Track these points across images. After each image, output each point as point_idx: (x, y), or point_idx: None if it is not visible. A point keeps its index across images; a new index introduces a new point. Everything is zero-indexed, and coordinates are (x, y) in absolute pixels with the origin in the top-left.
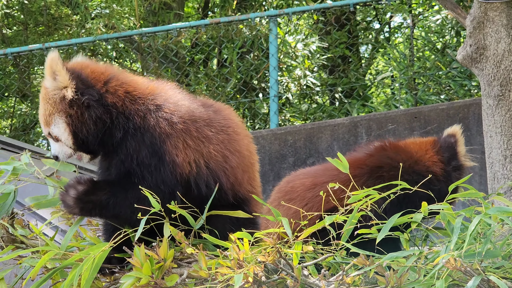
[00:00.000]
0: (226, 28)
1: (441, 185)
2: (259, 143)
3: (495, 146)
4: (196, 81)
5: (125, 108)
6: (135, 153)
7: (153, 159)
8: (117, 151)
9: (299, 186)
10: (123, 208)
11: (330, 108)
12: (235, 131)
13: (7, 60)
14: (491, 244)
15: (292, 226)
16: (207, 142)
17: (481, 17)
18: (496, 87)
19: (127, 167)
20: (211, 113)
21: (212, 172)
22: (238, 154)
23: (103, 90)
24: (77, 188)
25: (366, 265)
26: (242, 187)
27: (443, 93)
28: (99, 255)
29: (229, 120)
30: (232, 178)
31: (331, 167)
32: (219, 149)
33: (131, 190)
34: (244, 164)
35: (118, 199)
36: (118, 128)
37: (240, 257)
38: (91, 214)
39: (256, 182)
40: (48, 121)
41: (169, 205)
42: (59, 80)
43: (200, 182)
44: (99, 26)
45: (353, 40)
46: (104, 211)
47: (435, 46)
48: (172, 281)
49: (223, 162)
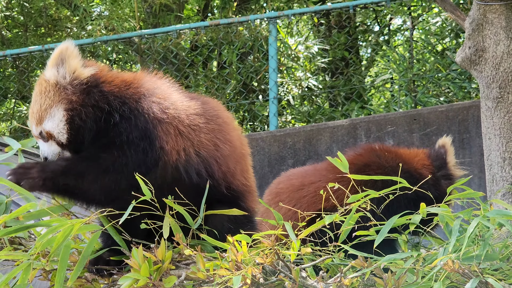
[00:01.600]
0: (226, 30)
1: (430, 188)
2: (258, 145)
3: (494, 148)
4: (196, 83)
5: (121, 94)
6: (126, 133)
7: (142, 141)
8: (108, 134)
9: (288, 187)
10: (92, 173)
11: (330, 110)
12: (225, 122)
13: (6, 62)
14: (490, 247)
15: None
16: (198, 130)
17: (480, 19)
18: (495, 89)
19: (112, 142)
20: (200, 103)
21: (203, 160)
22: (229, 143)
23: (102, 79)
24: (39, 162)
25: (364, 267)
26: (235, 178)
27: (442, 95)
28: (77, 225)
29: (218, 111)
30: (224, 168)
31: (320, 167)
32: (210, 138)
33: (108, 160)
34: (236, 154)
35: (86, 164)
36: (114, 114)
37: (238, 259)
38: (54, 183)
39: (249, 174)
40: (42, 117)
41: (165, 200)
42: (70, 64)
43: (190, 170)
44: (99, 27)
45: (353, 42)
46: (68, 178)
47: (435, 48)
48: (170, 283)
49: (214, 150)
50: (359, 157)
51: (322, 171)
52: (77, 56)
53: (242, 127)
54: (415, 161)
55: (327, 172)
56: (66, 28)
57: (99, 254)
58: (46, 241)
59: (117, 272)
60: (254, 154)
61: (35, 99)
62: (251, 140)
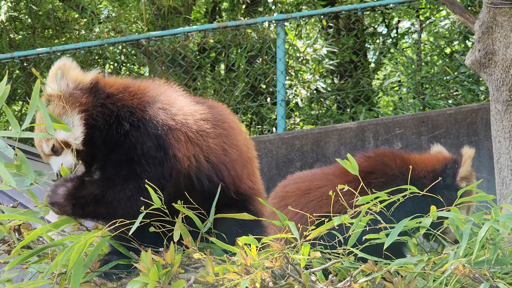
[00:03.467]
0: (234, 32)
1: (425, 197)
2: (266, 147)
3: (503, 152)
4: (204, 85)
5: (127, 102)
6: (139, 144)
7: (158, 152)
8: (120, 144)
9: (294, 191)
10: (121, 200)
11: (338, 113)
12: (231, 126)
13: (14, 64)
14: (500, 251)
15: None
16: (206, 136)
17: (490, 22)
18: (505, 92)
19: (130, 157)
20: (206, 108)
21: (213, 166)
22: (236, 148)
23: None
24: (66, 185)
25: (374, 271)
26: (243, 182)
27: (450, 98)
28: (90, 240)
29: (223, 116)
30: (233, 172)
31: (328, 172)
32: (218, 143)
33: (131, 181)
34: (243, 158)
35: (115, 191)
36: (123, 122)
37: (247, 263)
38: (84, 211)
39: (256, 178)
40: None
41: (175, 205)
42: (71, 74)
43: (202, 177)
44: (107, 30)
45: (361, 45)
46: (99, 206)
47: (443, 51)
48: (179, 287)
49: (222, 155)
50: (364, 164)
51: (329, 176)
52: (76, 67)
53: (250, 130)
54: (420, 168)
55: (335, 177)
56: (74, 30)
57: (108, 258)
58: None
59: (126, 276)
60: (262, 157)
61: (41, 116)
62: (258, 143)
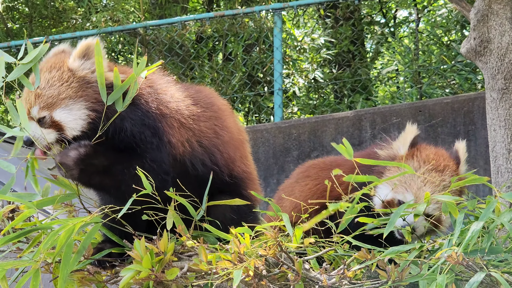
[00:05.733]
0: (231, 21)
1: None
2: (263, 136)
3: (499, 140)
4: (201, 74)
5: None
6: (136, 129)
7: (154, 138)
8: (118, 131)
9: (319, 164)
10: (128, 176)
11: (335, 102)
12: (220, 108)
13: (11, 53)
14: (494, 239)
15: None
16: (197, 119)
17: (485, 10)
18: (500, 80)
19: (129, 142)
20: (194, 92)
21: (206, 149)
22: (227, 129)
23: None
24: (79, 149)
25: (367, 259)
26: (236, 164)
27: (447, 87)
28: (78, 224)
29: (212, 98)
30: (226, 155)
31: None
32: (209, 126)
33: (135, 160)
34: (234, 140)
35: (123, 166)
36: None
37: (240, 251)
38: (90, 180)
39: (249, 161)
40: (55, 104)
41: (167, 192)
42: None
43: (196, 161)
44: (104, 19)
45: (358, 34)
46: (106, 177)
47: (440, 40)
48: (173, 275)
49: (214, 138)
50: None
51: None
52: (105, 57)
53: (247, 119)
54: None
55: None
56: (71, 19)
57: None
58: (50, 243)
59: (119, 264)
60: (259, 146)
61: (51, 82)
62: (256, 132)
